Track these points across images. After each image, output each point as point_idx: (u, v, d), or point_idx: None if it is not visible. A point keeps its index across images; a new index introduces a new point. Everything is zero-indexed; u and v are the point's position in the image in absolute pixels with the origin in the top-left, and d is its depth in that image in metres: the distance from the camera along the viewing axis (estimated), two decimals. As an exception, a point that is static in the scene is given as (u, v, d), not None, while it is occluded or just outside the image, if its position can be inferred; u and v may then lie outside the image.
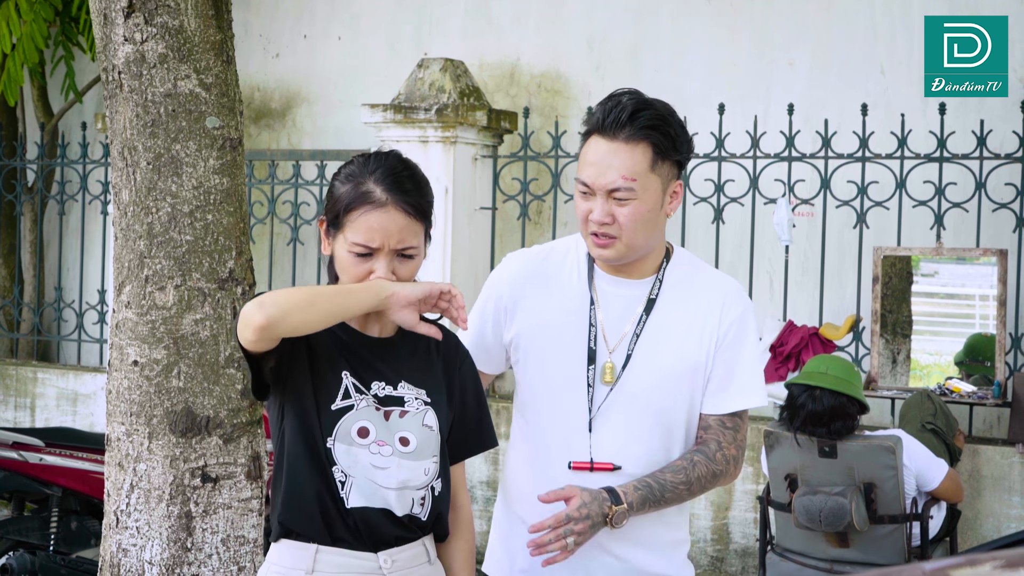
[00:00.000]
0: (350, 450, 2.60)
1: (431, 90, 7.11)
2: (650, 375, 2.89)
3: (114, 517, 3.71)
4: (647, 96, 2.86)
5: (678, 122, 2.86)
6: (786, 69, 7.62)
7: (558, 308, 2.94)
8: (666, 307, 2.92)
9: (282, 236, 8.26)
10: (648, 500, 2.83)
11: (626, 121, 2.79)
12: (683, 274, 2.97)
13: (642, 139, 2.80)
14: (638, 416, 2.89)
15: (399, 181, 2.63)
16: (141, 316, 3.67)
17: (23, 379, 8.40)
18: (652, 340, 2.90)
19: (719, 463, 2.92)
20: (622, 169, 2.79)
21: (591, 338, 2.90)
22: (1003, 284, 6.44)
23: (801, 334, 6.55)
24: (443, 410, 2.72)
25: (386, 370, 2.68)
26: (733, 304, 2.95)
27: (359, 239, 2.61)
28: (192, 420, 3.66)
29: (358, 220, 2.61)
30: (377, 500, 2.62)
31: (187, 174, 3.66)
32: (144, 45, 3.64)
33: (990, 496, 6.18)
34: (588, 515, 2.75)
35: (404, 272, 2.64)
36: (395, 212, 2.61)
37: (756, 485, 6.49)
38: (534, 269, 3.01)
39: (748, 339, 2.97)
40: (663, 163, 2.83)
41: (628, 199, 2.80)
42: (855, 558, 5.16)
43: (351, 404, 2.62)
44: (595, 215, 2.81)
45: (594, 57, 8.08)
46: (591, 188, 2.82)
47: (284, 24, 9.03)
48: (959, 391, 6.44)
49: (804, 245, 7.25)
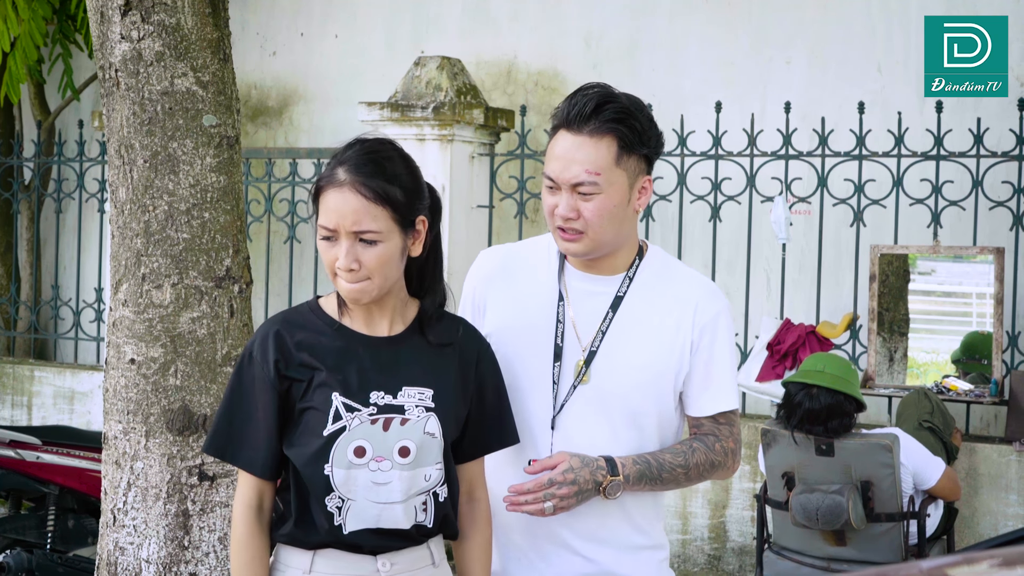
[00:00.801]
0: (349, 473, 2.58)
1: (428, 88, 7.11)
2: (615, 373, 2.84)
3: (111, 515, 3.71)
4: (615, 90, 2.82)
5: (646, 116, 2.81)
6: (783, 67, 7.63)
7: (527, 304, 2.90)
8: (634, 305, 2.88)
9: (279, 234, 8.26)
10: (645, 476, 2.80)
11: (590, 114, 2.75)
12: (655, 272, 2.92)
13: (607, 132, 2.75)
14: (603, 415, 2.84)
15: (362, 163, 2.60)
16: (138, 314, 3.66)
17: (20, 377, 8.39)
18: (618, 338, 2.85)
19: (718, 453, 2.90)
20: (586, 163, 2.75)
21: (558, 334, 2.86)
22: (1000, 282, 6.45)
23: (798, 332, 6.55)
24: (448, 412, 2.68)
25: (386, 377, 2.65)
26: (706, 305, 2.89)
27: (321, 220, 2.62)
28: (189, 418, 3.66)
29: (322, 203, 2.62)
30: (384, 520, 2.61)
31: (184, 172, 3.66)
32: (141, 43, 3.64)
33: (987, 494, 6.19)
34: (575, 480, 2.72)
35: (368, 258, 2.59)
36: (350, 193, 2.58)
37: (753, 483, 6.50)
38: (505, 264, 2.99)
39: (724, 339, 2.91)
40: (629, 157, 2.78)
41: (592, 193, 2.75)
42: (852, 556, 5.16)
43: (343, 426, 2.59)
44: (560, 210, 2.78)
45: (591, 55, 8.08)
46: (556, 182, 2.78)
47: (281, 22, 9.03)
48: (956, 389, 6.44)
49: (801, 243, 7.25)
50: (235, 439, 2.66)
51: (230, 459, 2.69)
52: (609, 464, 2.77)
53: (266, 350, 2.64)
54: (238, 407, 2.66)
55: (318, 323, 2.70)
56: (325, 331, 2.68)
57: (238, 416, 2.66)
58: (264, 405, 2.63)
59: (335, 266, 2.61)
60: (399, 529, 2.63)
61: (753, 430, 6.43)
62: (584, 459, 2.75)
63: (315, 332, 2.68)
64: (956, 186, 6.62)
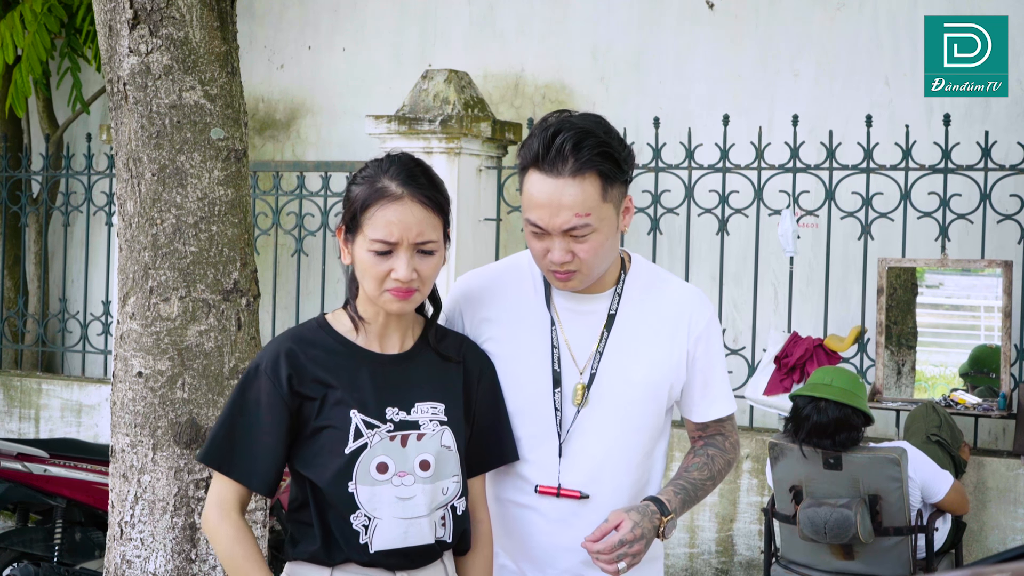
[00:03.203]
0: (373, 490, 2.59)
1: (435, 101, 7.12)
2: (615, 393, 2.82)
3: (118, 528, 3.71)
4: (580, 118, 2.71)
5: (617, 139, 2.72)
6: (790, 80, 7.63)
7: (517, 331, 2.85)
8: (628, 321, 2.85)
9: (286, 247, 8.26)
10: (686, 503, 2.83)
11: (569, 154, 2.64)
12: (643, 285, 2.90)
13: (589, 170, 2.65)
14: (605, 433, 2.83)
15: (413, 175, 2.63)
16: (145, 327, 3.67)
17: (27, 390, 8.40)
18: (616, 357, 2.83)
19: (729, 451, 2.97)
20: (575, 207, 2.65)
21: (555, 360, 2.82)
22: (1008, 295, 6.43)
23: (806, 345, 6.53)
24: (459, 425, 2.70)
25: (399, 394, 2.66)
26: (698, 315, 2.89)
27: (378, 235, 2.59)
28: (196, 431, 3.66)
29: (376, 216, 2.59)
30: (411, 537, 2.61)
31: (192, 185, 3.66)
32: (149, 57, 3.64)
33: (995, 508, 6.17)
34: (642, 535, 2.70)
35: (425, 269, 2.61)
36: (412, 204, 2.60)
37: (761, 497, 6.48)
38: (490, 289, 2.93)
39: (717, 345, 2.94)
40: (612, 188, 2.70)
41: (586, 235, 2.68)
42: (860, 570, 5.15)
43: (364, 443, 2.60)
44: (555, 256, 2.70)
45: (598, 68, 8.09)
46: (544, 230, 2.70)
47: (289, 35, 9.04)
48: (964, 403, 6.42)
49: (809, 256, 7.25)
50: (235, 452, 2.65)
51: (226, 471, 2.67)
52: (659, 505, 2.76)
53: (278, 367, 2.64)
54: (240, 421, 2.66)
55: (329, 340, 2.70)
56: (337, 348, 2.69)
57: (239, 429, 2.65)
58: (272, 421, 2.63)
59: (392, 278, 2.60)
60: (423, 545, 2.63)
61: (760, 443, 6.41)
62: (639, 510, 2.73)
63: (327, 349, 2.68)
64: (964, 199, 6.61)
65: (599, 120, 2.74)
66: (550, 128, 2.69)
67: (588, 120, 2.72)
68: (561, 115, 2.73)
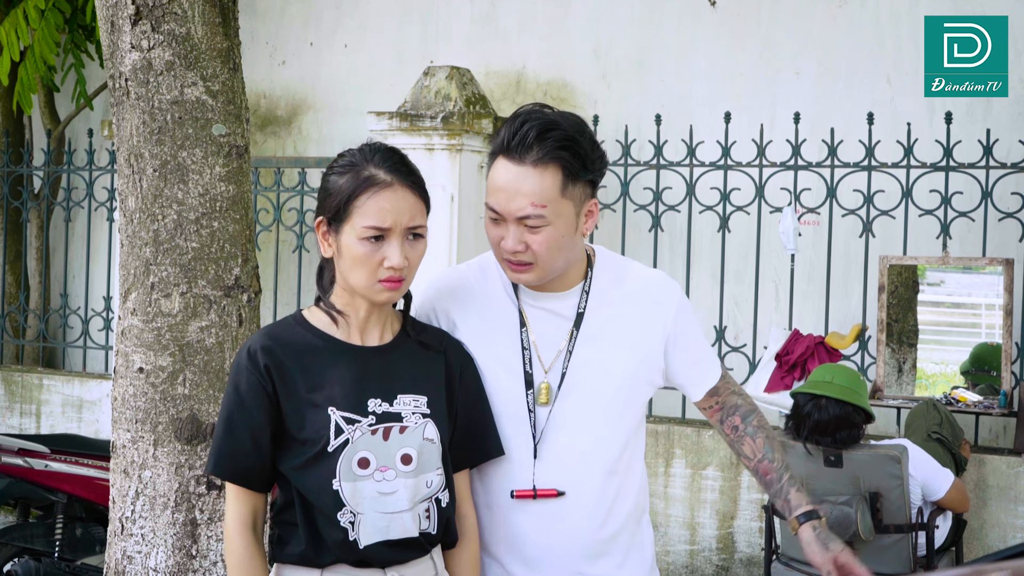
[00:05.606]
0: (355, 486, 2.58)
1: (437, 98, 7.12)
2: (590, 389, 2.81)
3: (119, 524, 3.71)
4: (554, 113, 2.72)
5: (589, 139, 2.72)
6: (792, 78, 7.63)
7: (487, 331, 2.84)
8: (597, 318, 2.84)
9: (288, 243, 8.27)
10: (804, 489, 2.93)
11: (533, 142, 2.65)
12: (609, 279, 2.89)
13: (551, 161, 2.65)
14: (583, 434, 2.81)
15: (398, 163, 2.64)
16: (147, 323, 3.67)
17: (28, 386, 8.40)
18: (587, 354, 2.82)
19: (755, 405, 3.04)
20: (531, 196, 2.66)
21: (526, 361, 2.81)
22: (1009, 293, 6.43)
23: (807, 343, 6.53)
24: (442, 418, 2.69)
25: (381, 385, 2.65)
26: (667, 298, 2.90)
27: (370, 222, 2.59)
28: (197, 427, 3.66)
29: (367, 203, 2.59)
30: (392, 531, 2.60)
31: (193, 181, 3.67)
32: (151, 52, 3.65)
33: (996, 506, 6.17)
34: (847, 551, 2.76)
35: (415, 254, 2.63)
36: (401, 190, 2.61)
37: (761, 494, 6.48)
38: (464, 288, 2.92)
39: (693, 320, 2.96)
40: (575, 186, 2.70)
41: (540, 226, 2.67)
42: (860, 568, 5.14)
43: (346, 439, 2.59)
44: (507, 244, 2.70)
45: (600, 65, 8.09)
46: (500, 215, 2.71)
47: (290, 32, 9.04)
48: (965, 400, 6.42)
49: (810, 254, 7.25)
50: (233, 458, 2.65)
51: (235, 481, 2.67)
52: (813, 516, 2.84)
53: (256, 362, 2.63)
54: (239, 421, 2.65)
55: (308, 336, 2.69)
56: (316, 344, 2.68)
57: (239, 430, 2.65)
58: (258, 417, 2.62)
59: (384, 266, 2.60)
60: (409, 538, 2.62)
61: (761, 441, 6.41)
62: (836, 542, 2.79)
63: (304, 345, 2.67)
64: (965, 197, 6.61)
65: (575, 118, 2.75)
66: (519, 117, 2.71)
67: (560, 115, 2.73)
68: (535, 106, 2.75)
